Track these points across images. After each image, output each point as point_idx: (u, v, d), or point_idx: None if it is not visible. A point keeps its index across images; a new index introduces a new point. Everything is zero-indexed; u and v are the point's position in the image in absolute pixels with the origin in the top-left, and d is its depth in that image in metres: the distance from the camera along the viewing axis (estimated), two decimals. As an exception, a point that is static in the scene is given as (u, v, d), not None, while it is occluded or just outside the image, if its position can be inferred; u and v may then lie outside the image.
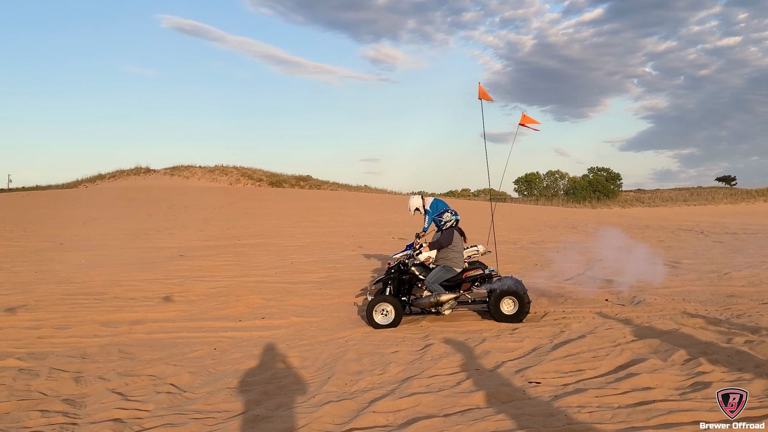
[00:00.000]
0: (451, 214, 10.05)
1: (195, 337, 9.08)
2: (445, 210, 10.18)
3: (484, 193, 78.43)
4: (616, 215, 45.17)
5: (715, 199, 69.01)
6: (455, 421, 5.37)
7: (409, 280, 10.01)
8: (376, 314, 9.47)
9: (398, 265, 10.11)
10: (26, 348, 8.45)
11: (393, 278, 9.95)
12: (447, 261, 9.80)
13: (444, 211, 10.14)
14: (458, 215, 10.27)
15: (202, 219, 29.95)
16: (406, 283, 10.02)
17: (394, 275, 9.96)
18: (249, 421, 5.65)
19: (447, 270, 9.76)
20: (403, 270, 10.03)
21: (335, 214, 33.97)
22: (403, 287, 10.01)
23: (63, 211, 33.63)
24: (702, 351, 7.09)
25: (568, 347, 7.51)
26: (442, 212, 10.10)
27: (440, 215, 10.05)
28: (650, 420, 5.14)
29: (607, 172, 77.11)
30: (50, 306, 10.96)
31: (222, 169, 66.59)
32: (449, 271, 9.76)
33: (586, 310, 10.02)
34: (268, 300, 11.52)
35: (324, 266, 15.76)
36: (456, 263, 9.81)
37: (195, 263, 16.31)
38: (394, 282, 9.93)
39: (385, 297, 9.58)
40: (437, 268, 9.80)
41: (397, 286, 9.94)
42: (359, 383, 6.64)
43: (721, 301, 10.30)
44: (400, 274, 9.99)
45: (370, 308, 9.48)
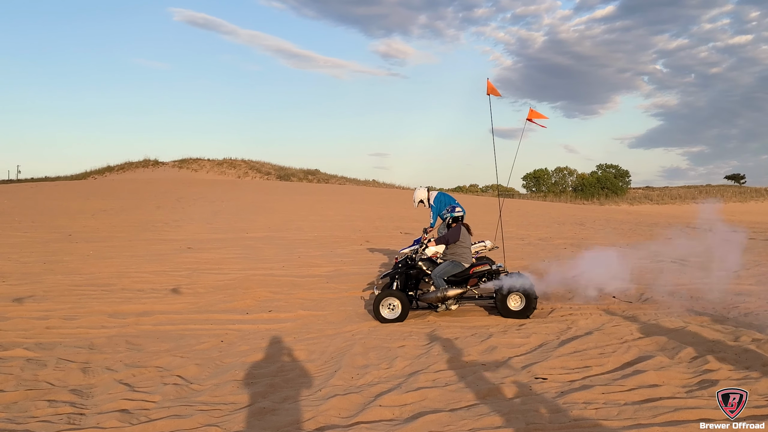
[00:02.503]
0: (460, 209, 10.09)
1: (202, 329, 9.11)
2: (454, 207, 10.20)
3: (492, 188, 78.32)
4: (624, 212, 45.00)
5: (724, 197, 68.73)
6: (461, 416, 5.37)
7: (416, 275, 10.02)
8: (383, 308, 9.48)
9: (405, 260, 10.11)
10: (34, 338, 8.49)
11: (400, 273, 9.95)
12: (455, 256, 9.80)
13: (453, 207, 10.16)
14: (465, 210, 10.27)
15: (210, 212, 30.00)
16: (413, 277, 10.02)
17: (401, 270, 9.97)
18: (255, 413, 5.67)
19: (455, 265, 9.75)
20: (410, 265, 10.03)
21: (343, 208, 33.97)
22: (410, 282, 10.02)
23: (71, 202, 33.73)
24: (709, 349, 7.06)
25: (575, 344, 7.49)
26: (454, 207, 10.13)
27: (453, 210, 10.09)
28: (656, 417, 5.13)
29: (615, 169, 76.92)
30: (58, 297, 11.00)
31: (230, 162, 66.71)
32: (457, 266, 9.75)
33: (593, 306, 10.00)
34: (276, 293, 11.54)
35: (331, 260, 15.78)
36: (464, 258, 9.80)
37: (203, 256, 16.35)
38: (401, 276, 9.94)
39: (392, 291, 9.58)
40: (445, 263, 9.79)
41: (404, 281, 9.95)
42: (366, 377, 6.65)
43: (728, 299, 10.25)
44: (407, 269, 9.99)
45: (377, 302, 9.49)
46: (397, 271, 10.00)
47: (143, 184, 49.23)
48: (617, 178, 74.43)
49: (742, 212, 49.01)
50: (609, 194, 69.74)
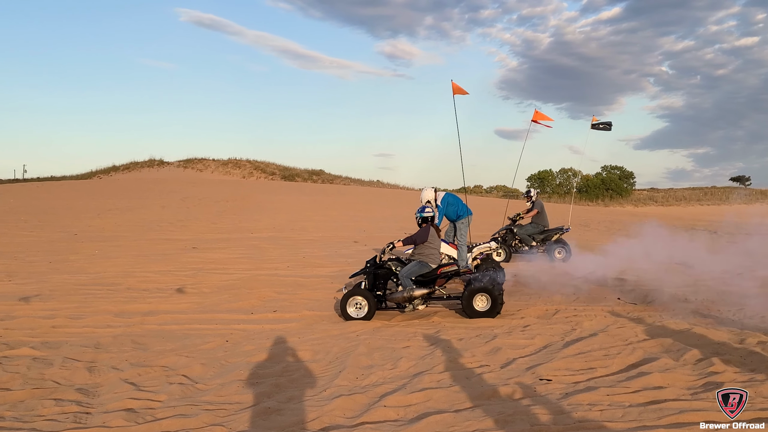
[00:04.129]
0: (432, 209, 10.21)
1: (207, 329, 9.13)
2: (423, 207, 10.23)
3: (496, 189, 78.24)
4: (628, 214, 44.95)
5: (729, 199, 68.53)
6: (466, 417, 5.38)
7: (384, 274, 10.11)
8: (349, 307, 9.62)
9: (374, 260, 10.19)
10: (40, 337, 8.52)
11: (368, 272, 10.07)
12: (422, 256, 9.94)
13: (423, 208, 10.20)
14: (471, 212, 10.29)
15: (215, 212, 30.05)
16: (381, 277, 10.11)
17: (369, 269, 10.09)
18: (260, 413, 5.68)
19: (422, 265, 9.89)
20: (378, 264, 10.13)
21: (347, 209, 34.00)
22: (378, 282, 10.10)
23: (77, 202, 33.83)
24: (714, 351, 7.05)
25: (580, 345, 7.50)
26: (423, 207, 10.18)
27: (422, 210, 10.13)
28: (661, 419, 5.13)
29: (620, 171, 76.72)
30: (64, 296, 11.04)
31: (235, 162, 66.72)
32: (424, 266, 9.90)
33: (598, 308, 10.00)
34: (280, 293, 11.56)
35: (336, 260, 15.79)
36: (432, 259, 9.96)
37: (208, 255, 16.38)
38: (369, 276, 10.04)
39: (360, 290, 9.73)
40: (412, 263, 9.95)
41: (372, 281, 10.05)
42: (370, 377, 6.66)
43: (734, 301, 10.24)
44: (375, 269, 10.08)
45: (343, 301, 9.63)
46: (365, 271, 10.11)
47: (149, 183, 49.33)
48: (622, 179, 74.23)
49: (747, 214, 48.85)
50: (613, 196, 69.56)
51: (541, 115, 12.76)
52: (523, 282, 12.10)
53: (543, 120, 12.73)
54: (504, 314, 9.75)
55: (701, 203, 65.92)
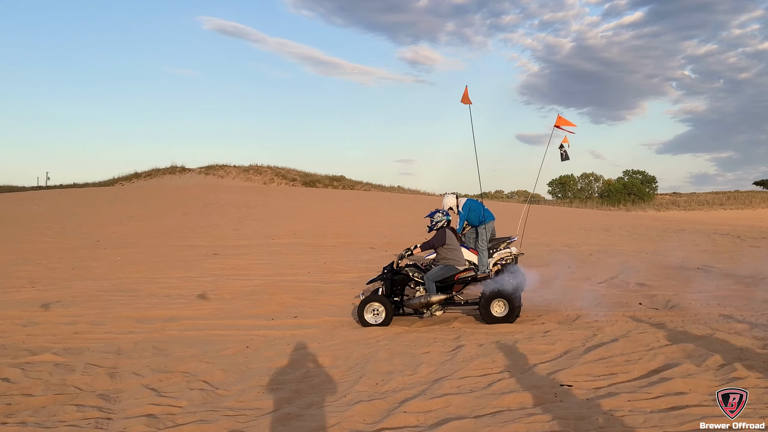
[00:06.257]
0: (442, 215, 10.18)
1: (228, 335, 9.17)
2: (433, 213, 10.21)
3: (517, 194, 77.97)
4: (650, 218, 44.57)
5: (752, 203, 67.72)
6: (486, 423, 5.36)
7: (401, 280, 10.09)
8: (367, 313, 9.60)
9: (391, 266, 10.17)
10: (62, 343, 8.60)
11: (385, 279, 10.05)
12: (448, 260, 9.90)
13: (433, 214, 10.18)
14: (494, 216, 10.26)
15: (236, 218, 30.20)
16: (399, 283, 10.09)
17: (386, 276, 10.07)
18: (280, 419, 5.69)
19: (449, 268, 9.86)
20: (395, 270, 10.10)
21: (368, 215, 34.01)
22: (396, 288, 10.09)
23: (99, 208, 34.15)
24: (737, 356, 6.97)
25: (601, 351, 7.44)
26: (434, 213, 10.16)
27: (432, 215, 10.12)
28: (683, 425, 5.08)
29: (642, 175, 76.26)
30: (86, 302, 11.14)
31: (256, 168, 67.00)
32: (451, 269, 9.87)
33: (619, 313, 9.92)
34: (301, 299, 11.58)
35: (356, 266, 15.80)
36: (457, 262, 9.94)
37: (229, 262, 16.46)
38: (386, 282, 10.02)
39: (377, 296, 9.72)
40: (438, 267, 9.94)
41: (389, 287, 10.03)
42: (390, 383, 6.65)
43: (756, 306, 10.12)
44: (392, 275, 10.06)
45: (361, 307, 9.61)
46: (383, 277, 10.09)
47: (170, 190, 49.67)
48: (644, 184, 73.75)
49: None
50: (636, 200, 69.10)
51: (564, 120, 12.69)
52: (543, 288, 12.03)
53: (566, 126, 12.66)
54: (524, 320, 9.70)
55: (724, 207, 65.22)
